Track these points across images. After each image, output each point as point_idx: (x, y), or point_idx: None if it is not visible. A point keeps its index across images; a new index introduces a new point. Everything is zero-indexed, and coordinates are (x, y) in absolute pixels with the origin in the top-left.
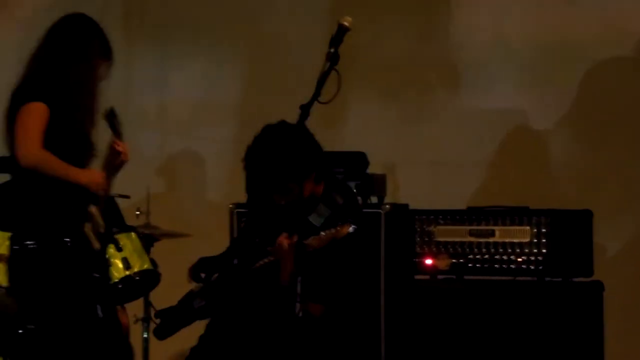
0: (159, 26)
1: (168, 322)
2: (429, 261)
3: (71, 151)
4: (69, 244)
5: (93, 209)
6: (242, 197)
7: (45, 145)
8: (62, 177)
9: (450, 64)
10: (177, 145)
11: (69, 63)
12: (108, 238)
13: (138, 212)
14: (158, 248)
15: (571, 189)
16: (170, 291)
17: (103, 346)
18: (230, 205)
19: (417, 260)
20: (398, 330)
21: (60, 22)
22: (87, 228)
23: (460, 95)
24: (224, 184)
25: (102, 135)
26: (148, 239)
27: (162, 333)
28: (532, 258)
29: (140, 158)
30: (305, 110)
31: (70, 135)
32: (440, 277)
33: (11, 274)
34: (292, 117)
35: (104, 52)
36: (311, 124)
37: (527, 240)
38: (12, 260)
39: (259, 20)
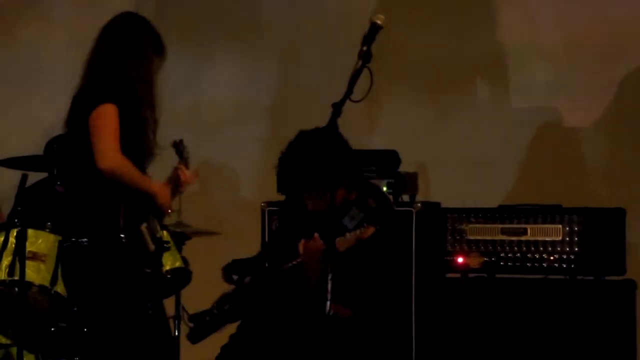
0: (191, 26)
1: (201, 326)
2: (460, 259)
3: (135, 150)
4: (123, 241)
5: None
6: (273, 196)
7: None
8: (135, 185)
9: (483, 63)
10: (209, 144)
11: (130, 62)
12: (161, 243)
13: (170, 211)
14: (189, 246)
15: (604, 187)
16: (202, 289)
17: (152, 343)
18: (262, 204)
19: (448, 258)
20: (429, 329)
21: (115, 21)
22: (144, 228)
23: (493, 93)
24: (255, 182)
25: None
26: (180, 237)
27: (195, 337)
28: (564, 256)
29: (172, 157)
30: (337, 108)
31: (134, 134)
32: (471, 275)
33: (63, 271)
34: (324, 115)
35: (158, 48)
36: (343, 122)
37: (559, 238)
38: (63, 257)
39: (291, 19)
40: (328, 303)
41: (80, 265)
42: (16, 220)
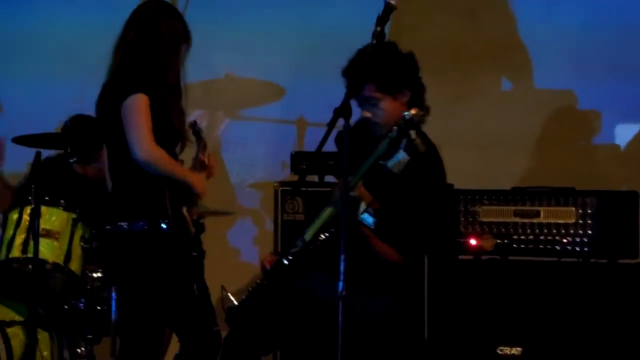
0: (204, 4)
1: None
2: (473, 241)
3: (166, 139)
4: (172, 226)
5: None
6: (286, 176)
7: None
8: (171, 174)
9: (497, 44)
10: (222, 124)
11: (160, 49)
12: (200, 226)
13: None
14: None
15: (618, 170)
16: (215, 268)
17: (200, 323)
18: (275, 184)
19: (461, 240)
20: (441, 311)
21: (143, 7)
22: (185, 211)
23: (507, 74)
24: (269, 162)
25: None
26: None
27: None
28: (578, 239)
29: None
30: (351, 89)
31: (165, 122)
32: (484, 257)
33: (103, 254)
34: (339, 95)
35: (186, 35)
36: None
37: (572, 221)
38: (107, 241)
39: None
40: (341, 284)
41: (128, 249)
42: (30, 197)
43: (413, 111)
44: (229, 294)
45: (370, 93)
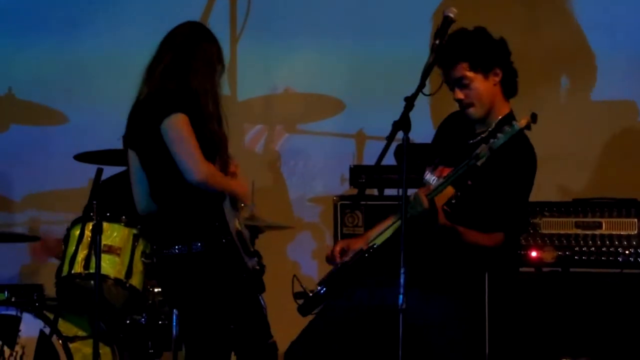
0: (264, 19)
1: (310, 300)
2: (534, 253)
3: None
4: (236, 242)
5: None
6: (345, 190)
7: None
8: (224, 189)
9: (559, 55)
10: (282, 138)
11: (197, 73)
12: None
13: (243, 205)
14: (262, 240)
15: None
16: (274, 283)
17: (258, 337)
18: (334, 198)
19: (522, 252)
20: (502, 323)
21: (179, 30)
22: (237, 224)
23: (568, 86)
24: (328, 176)
25: None
26: (253, 231)
27: (305, 310)
28: None
29: (245, 151)
30: (409, 102)
31: (205, 147)
32: (545, 269)
33: (167, 277)
34: (397, 108)
35: (220, 57)
36: (415, 115)
37: (634, 232)
38: (170, 265)
39: (364, 12)
40: (401, 297)
41: (194, 270)
42: (91, 213)
43: (523, 121)
44: (300, 282)
45: (462, 72)
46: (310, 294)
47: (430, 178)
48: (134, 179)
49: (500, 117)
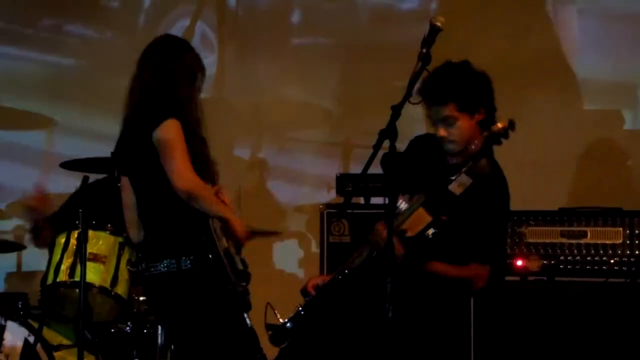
0: (252, 27)
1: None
2: (519, 262)
3: (196, 169)
4: (224, 260)
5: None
6: (332, 198)
7: None
8: (210, 208)
9: (545, 64)
10: (270, 145)
11: (180, 84)
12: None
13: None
14: (248, 247)
15: None
16: (260, 289)
17: (246, 354)
18: (321, 206)
19: (507, 261)
20: (487, 332)
21: (158, 44)
22: (227, 242)
23: (555, 94)
24: (314, 184)
25: None
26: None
27: (277, 340)
28: (625, 259)
29: (232, 158)
30: (396, 110)
31: (194, 153)
32: (531, 278)
33: (154, 294)
34: (385, 117)
35: (200, 65)
36: (402, 124)
37: (619, 241)
38: (157, 282)
39: (353, 19)
40: (387, 305)
41: (182, 288)
42: (77, 221)
43: (500, 125)
44: (275, 312)
45: (449, 112)
46: (283, 324)
47: (404, 207)
48: (128, 203)
49: (476, 151)
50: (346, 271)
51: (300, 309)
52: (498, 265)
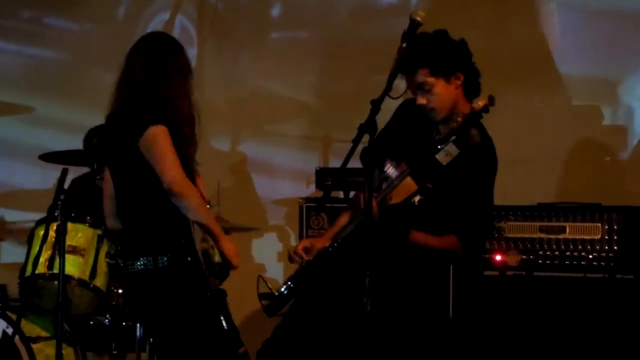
0: (232, 20)
1: (276, 300)
2: (498, 257)
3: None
4: (191, 261)
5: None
6: (311, 192)
7: None
8: (198, 215)
9: (524, 59)
10: (249, 139)
11: (170, 81)
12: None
13: (209, 206)
14: None
15: None
16: (240, 284)
17: (226, 354)
18: (300, 200)
19: (486, 256)
20: (466, 327)
21: (142, 42)
22: (205, 242)
23: (533, 90)
24: (294, 179)
25: None
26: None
27: (271, 310)
28: (604, 255)
29: (211, 152)
30: (376, 105)
31: (181, 154)
32: (509, 273)
33: (130, 291)
34: (364, 111)
35: (189, 63)
36: (382, 118)
37: (598, 237)
38: (133, 279)
39: (334, 13)
40: (365, 299)
41: (159, 285)
42: (56, 214)
43: (480, 102)
44: (266, 283)
45: (423, 78)
46: (276, 294)
47: (392, 173)
48: (108, 194)
49: (458, 126)
50: (336, 244)
51: (290, 280)
52: (481, 236)
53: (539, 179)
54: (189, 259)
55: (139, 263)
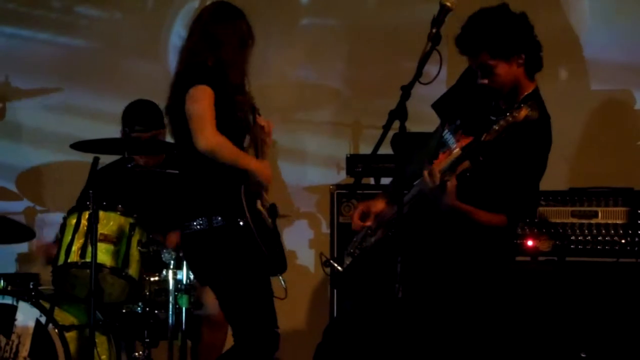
0: (261, 7)
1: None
2: (530, 242)
3: (231, 130)
4: (243, 225)
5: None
6: (342, 179)
7: None
8: (234, 162)
9: (555, 43)
10: (279, 127)
11: (224, 48)
12: (275, 213)
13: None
14: None
15: None
16: None
17: (264, 322)
18: (331, 187)
19: (518, 241)
20: (498, 312)
21: (206, 10)
22: (260, 205)
23: (565, 74)
24: (324, 165)
25: None
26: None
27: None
28: (636, 239)
29: None
30: (406, 91)
31: (229, 116)
32: (541, 258)
33: (188, 253)
34: (394, 97)
35: (250, 34)
36: (412, 104)
37: (630, 221)
38: (189, 240)
39: (360, 1)
40: (397, 286)
41: (216, 245)
42: (88, 202)
43: (523, 112)
44: (330, 261)
45: (483, 61)
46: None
47: (449, 138)
48: None
49: (525, 94)
50: (390, 233)
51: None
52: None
53: (570, 164)
54: (241, 223)
55: (194, 224)
